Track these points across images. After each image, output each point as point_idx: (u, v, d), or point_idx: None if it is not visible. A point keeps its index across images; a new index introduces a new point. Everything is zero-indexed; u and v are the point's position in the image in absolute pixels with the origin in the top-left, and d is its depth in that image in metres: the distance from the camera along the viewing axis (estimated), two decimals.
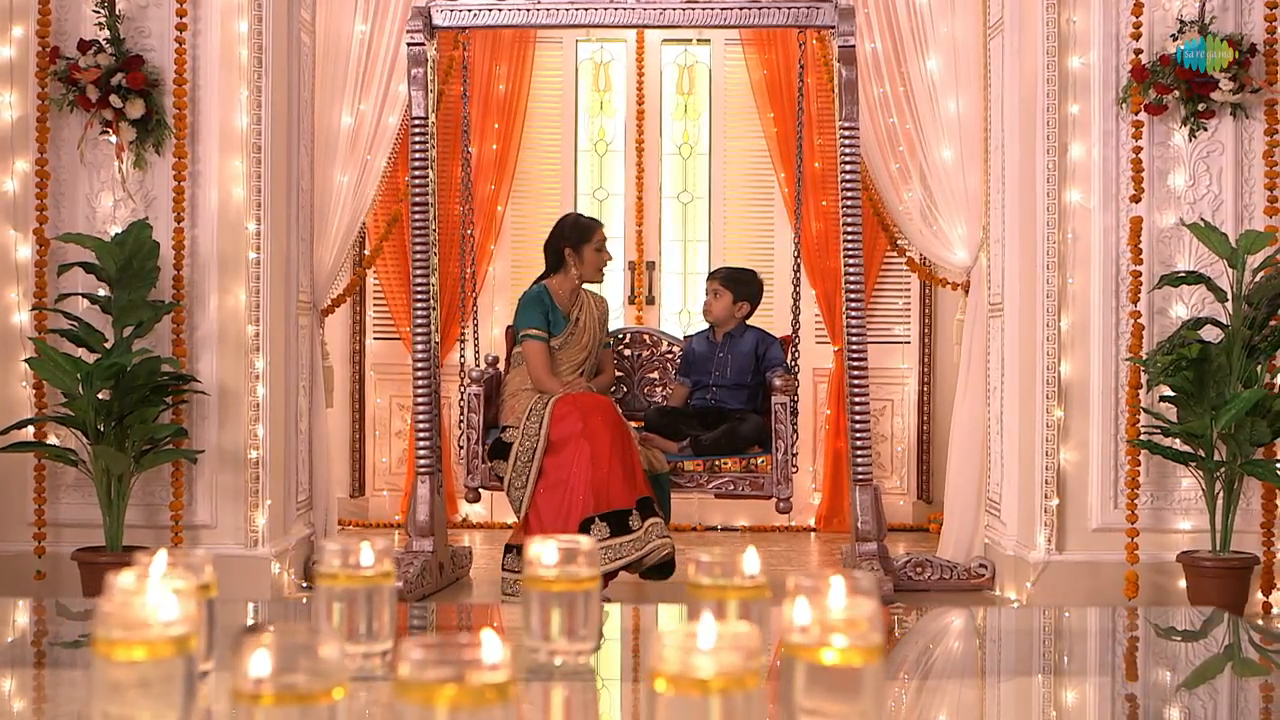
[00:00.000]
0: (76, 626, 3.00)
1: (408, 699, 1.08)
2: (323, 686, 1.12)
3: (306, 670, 1.12)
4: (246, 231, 5.75)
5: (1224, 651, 2.86)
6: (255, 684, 1.12)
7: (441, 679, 1.08)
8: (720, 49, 8.07)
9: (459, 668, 1.09)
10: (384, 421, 8.11)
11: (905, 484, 8.05)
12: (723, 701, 1.12)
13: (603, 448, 5.58)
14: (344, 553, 1.65)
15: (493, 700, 1.08)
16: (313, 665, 1.13)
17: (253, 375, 5.74)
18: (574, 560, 1.70)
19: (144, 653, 1.22)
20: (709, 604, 1.58)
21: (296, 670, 1.12)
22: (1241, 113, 5.64)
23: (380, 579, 1.66)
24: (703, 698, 1.12)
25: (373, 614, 1.64)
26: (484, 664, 1.09)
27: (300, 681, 1.12)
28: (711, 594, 1.60)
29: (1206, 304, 5.63)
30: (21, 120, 5.74)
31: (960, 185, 6.41)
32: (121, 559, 5.41)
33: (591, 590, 1.70)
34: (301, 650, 1.13)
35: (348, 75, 6.38)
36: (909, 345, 8.05)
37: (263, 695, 1.11)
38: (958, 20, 6.38)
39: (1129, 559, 5.57)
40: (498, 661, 1.09)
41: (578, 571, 1.69)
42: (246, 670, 1.12)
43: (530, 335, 5.93)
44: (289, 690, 1.11)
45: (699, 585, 1.61)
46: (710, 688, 1.12)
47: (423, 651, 1.09)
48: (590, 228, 6.04)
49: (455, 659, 1.09)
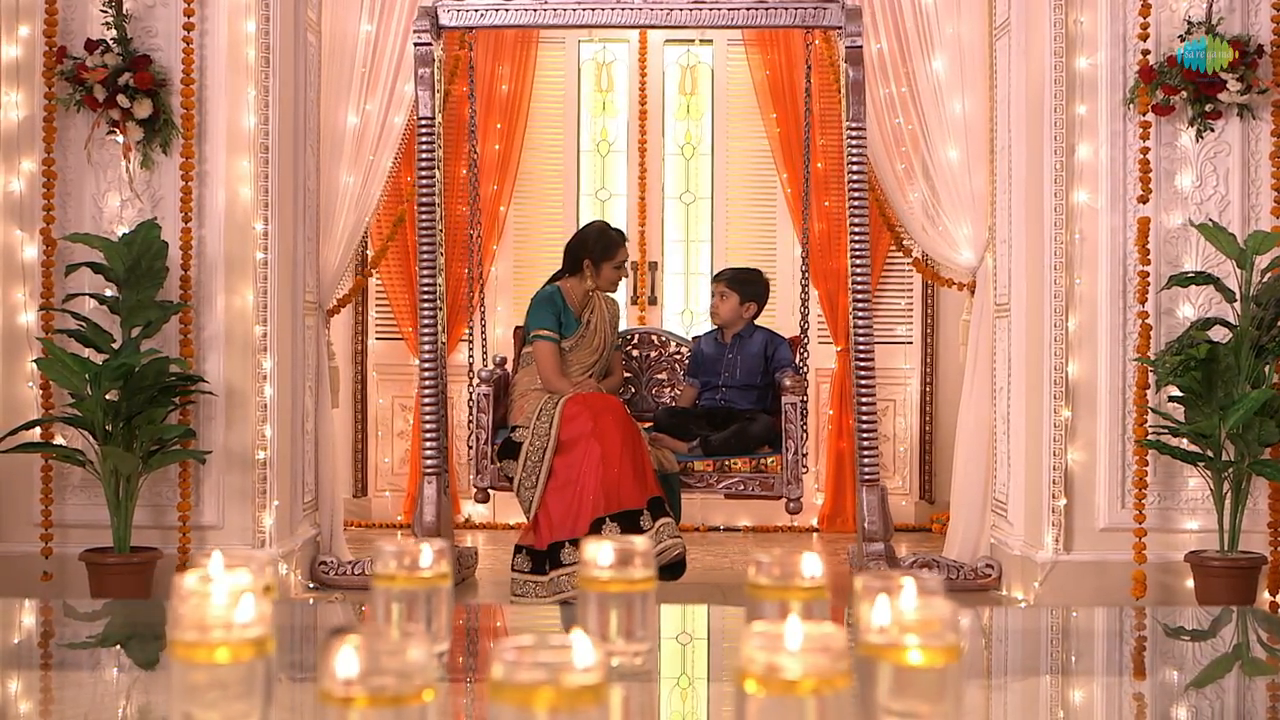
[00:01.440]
0: (87, 627, 2.99)
1: (503, 700, 1.08)
2: (412, 688, 1.12)
3: (396, 672, 1.12)
4: (254, 232, 5.74)
5: (1233, 650, 2.87)
6: (345, 686, 1.11)
7: (537, 681, 1.08)
8: (722, 49, 8.07)
9: (555, 669, 1.08)
10: (386, 422, 8.10)
11: (907, 484, 8.06)
12: (813, 702, 1.12)
13: (613, 448, 5.58)
14: (401, 554, 1.65)
15: (588, 702, 1.08)
16: (402, 667, 1.12)
17: (260, 376, 5.73)
18: (631, 561, 1.69)
19: (226, 655, 1.21)
20: (770, 605, 1.58)
21: (386, 672, 1.12)
22: (1248, 113, 5.65)
23: (438, 580, 1.65)
24: (794, 699, 1.12)
25: (431, 615, 1.63)
26: (579, 666, 1.09)
27: (390, 683, 1.11)
28: (772, 595, 1.60)
29: (1213, 304, 5.64)
30: (28, 120, 5.72)
31: (966, 186, 6.41)
32: (129, 560, 5.40)
33: (648, 591, 1.69)
34: (391, 652, 1.13)
35: (353, 75, 6.37)
36: (911, 345, 8.06)
37: (353, 697, 1.10)
38: (963, 21, 6.38)
39: (1137, 559, 5.58)
40: (592, 663, 1.09)
41: (634, 573, 1.69)
42: (335, 672, 1.11)
43: (541, 336, 5.93)
44: (380, 692, 1.11)
45: (759, 586, 1.60)
46: (801, 688, 1.12)
47: (518, 653, 1.09)
48: (615, 245, 6.03)
49: (551, 660, 1.09)
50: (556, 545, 5.58)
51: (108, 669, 2.54)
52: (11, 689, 2.33)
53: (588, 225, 6.30)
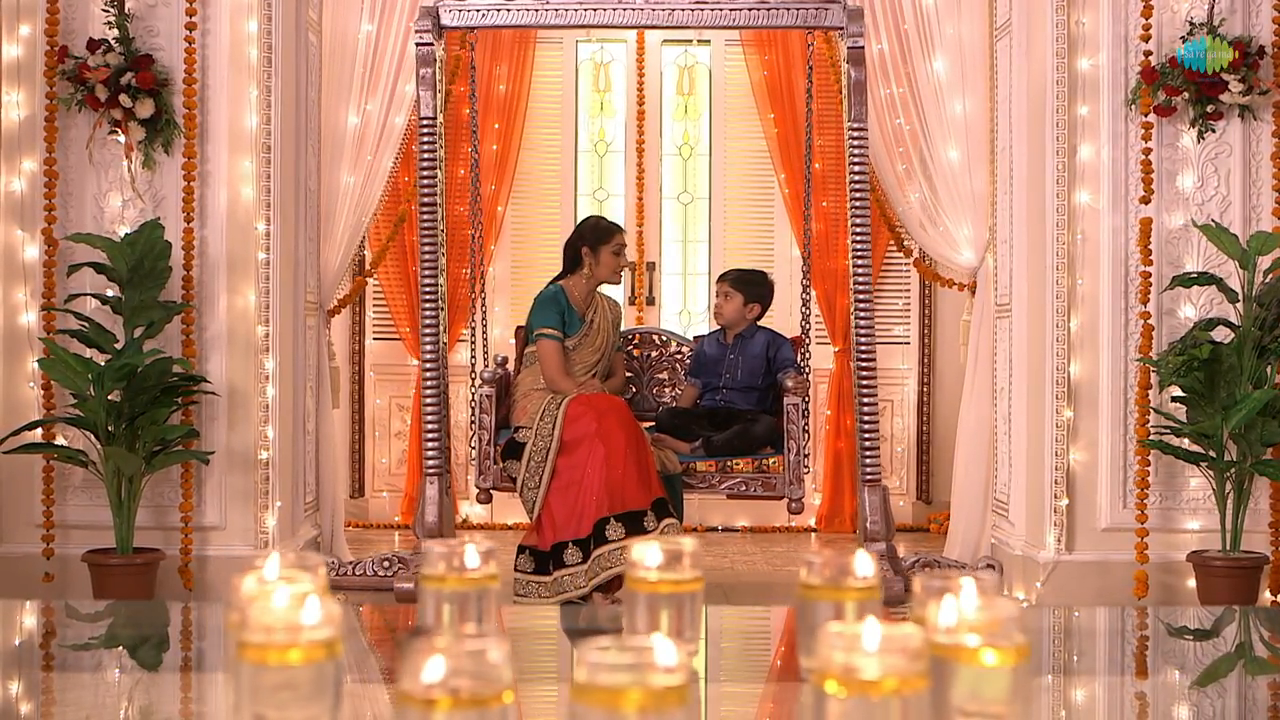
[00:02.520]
0: (94, 628, 2.98)
1: (587, 702, 1.08)
2: (493, 690, 1.11)
3: (477, 674, 1.12)
4: (256, 232, 5.73)
5: (1236, 650, 2.88)
6: (427, 689, 1.11)
7: (622, 683, 1.08)
8: (720, 50, 8.08)
9: (640, 671, 1.08)
10: (383, 422, 8.10)
11: (905, 484, 8.07)
12: (894, 703, 1.12)
13: (617, 448, 5.57)
14: (449, 555, 1.65)
15: (674, 703, 1.07)
16: (483, 669, 1.12)
17: (262, 376, 5.72)
18: (678, 562, 1.69)
19: (298, 656, 1.21)
20: (822, 605, 1.58)
21: (467, 674, 1.12)
22: (1250, 114, 5.67)
23: (486, 581, 1.65)
24: (875, 699, 1.12)
25: (481, 616, 1.63)
26: (664, 667, 1.09)
27: (472, 686, 1.11)
28: (824, 595, 1.60)
29: (1214, 304, 5.66)
30: (29, 120, 5.70)
31: (966, 186, 6.43)
32: (132, 561, 5.39)
33: (696, 592, 1.69)
34: (471, 654, 1.12)
35: (354, 75, 6.37)
36: (909, 346, 8.07)
37: (435, 700, 1.10)
38: (964, 21, 6.40)
39: (1138, 559, 5.60)
40: (676, 664, 1.09)
41: (682, 573, 1.69)
42: (418, 675, 1.11)
43: (545, 335, 5.92)
44: (461, 695, 1.11)
45: (811, 587, 1.60)
46: (882, 689, 1.12)
47: (602, 654, 1.09)
48: (610, 230, 6.03)
49: (635, 662, 1.09)
50: (560, 546, 5.58)
51: (120, 670, 2.54)
52: (22, 690, 2.32)
53: (583, 220, 6.32)
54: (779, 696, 2.33)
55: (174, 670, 2.56)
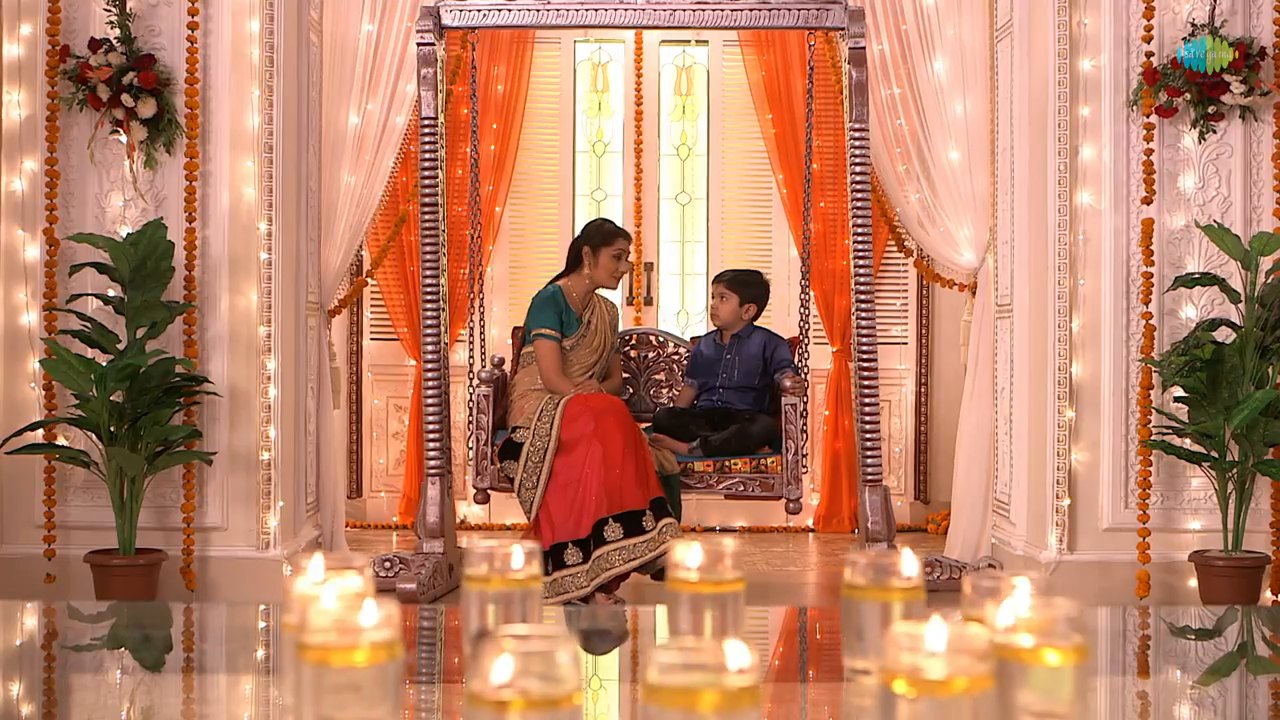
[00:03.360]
0: (99, 629, 2.97)
1: (659, 703, 1.08)
2: (563, 691, 1.11)
3: (546, 676, 1.12)
4: (258, 232, 5.72)
5: (1238, 649, 2.89)
6: (497, 690, 1.11)
7: (694, 684, 1.08)
8: (718, 50, 8.08)
9: (711, 672, 1.08)
10: (381, 423, 8.08)
11: (903, 485, 8.08)
12: (962, 703, 1.12)
13: (615, 448, 5.57)
14: (493, 556, 1.64)
15: (745, 704, 1.07)
16: (551, 670, 1.12)
17: (264, 376, 5.71)
18: (719, 562, 1.69)
19: (363, 657, 1.21)
20: (868, 605, 1.58)
21: (536, 676, 1.12)
22: (1251, 115, 5.69)
23: (530, 582, 1.65)
24: (943, 699, 1.12)
25: (525, 617, 1.63)
26: (734, 668, 1.09)
27: (542, 687, 1.11)
28: (869, 595, 1.60)
29: (1215, 305, 5.68)
30: (29, 119, 5.69)
31: (967, 187, 6.44)
32: (134, 562, 5.38)
33: (738, 592, 1.69)
34: (539, 656, 1.12)
35: (355, 75, 6.35)
36: (906, 346, 8.08)
37: (506, 701, 1.10)
38: (964, 22, 6.40)
39: (1140, 559, 5.61)
40: (746, 665, 1.09)
41: (723, 573, 1.69)
42: (488, 676, 1.11)
43: (543, 335, 5.92)
44: (531, 697, 1.11)
45: (856, 587, 1.60)
46: (951, 688, 1.12)
47: (673, 655, 1.09)
48: (613, 234, 6.03)
49: (706, 663, 1.09)
50: (559, 546, 5.57)
51: (135, 672, 2.53)
52: (31, 691, 2.31)
53: (588, 222, 6.32)
54: (778, 696, 2.34)
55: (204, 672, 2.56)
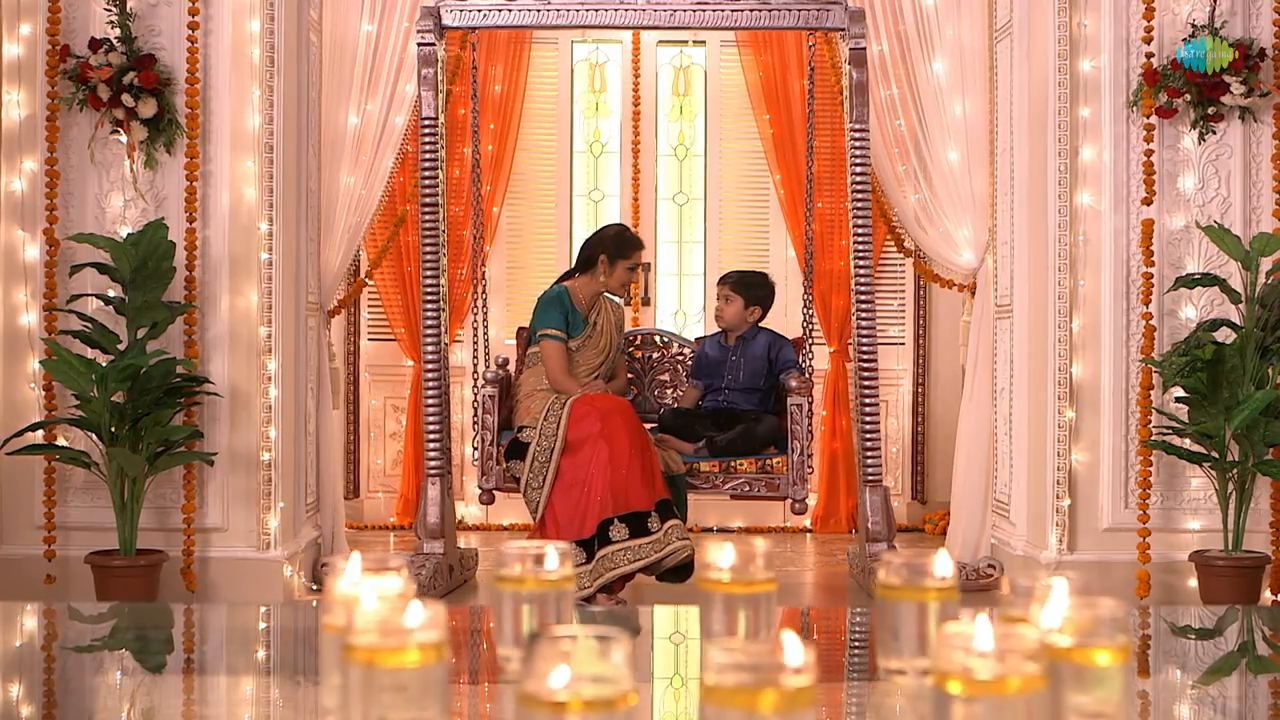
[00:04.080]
0: (104, 630, 2.96)
1: (718, 703, 1.08)
2: (619, 692, 1.11)
3: (601, 677, 1.12)
4: (258, 232, 5.70)
5: (1239, 648, 2.90)
6: (553, 691, 1.11)
7: (752, 684, 1.08)
8: (716, 50, 8.08)
9: (768, 672, 1.08)
10: (378, 423, 8.07)
11: (900, 485, 8.08)
12: (1016, 703, 1.12)
13: (622, 449, 5.57)
14: (527, 557, 1.64)
15: (803, 704, 1.08)
16: (607, 671, 1.12)
17: (265, 377, 5.70)
18: (751, 563, 1.69)
19: (413, 658, 1.21)
20: (904, 606, 1.58)
21: (591, 677, 1.12)
22: (1250, 116, 5.70)
23: (563, 583, 1.65)
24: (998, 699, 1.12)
25: (560, 618, 1.63)
26: (791, 668, 1.09)
27: (597, 689, 1.11)
28: (904, 595, 1.60)
29: (1215, 305, 5.69)
30: (29, 119, 5.67)
31: (966, 187, 6.44)
32: (135, 563, 5.36)
33: (771, 593, 1.69)
34: (595, 656, 1.12)
35: (354, 75, 6.34)
36: (903, 346, 8.09)
37: (563, 702, 1.10)
38: (963, 23, 6.41)
39: (1140, 559, 5.62)
40: (803, 665, 1.09)
41: (755, 574, 1.69)
42: (543, 677, 1.11)
43: (549, 335, 5.91)
44: (587, 697, 1.11)
45: (890, 587, 1.61)
46: (1005, 689, 1.12)
47: (731, 655, 1.09)
48: (632, 245, 6.03)
49: (764, 663, 1.09)
50: None
51: (131, 673, 2.52)
52: (34, 691, 2.31)
53: (608, 225, 6.33)
54: None
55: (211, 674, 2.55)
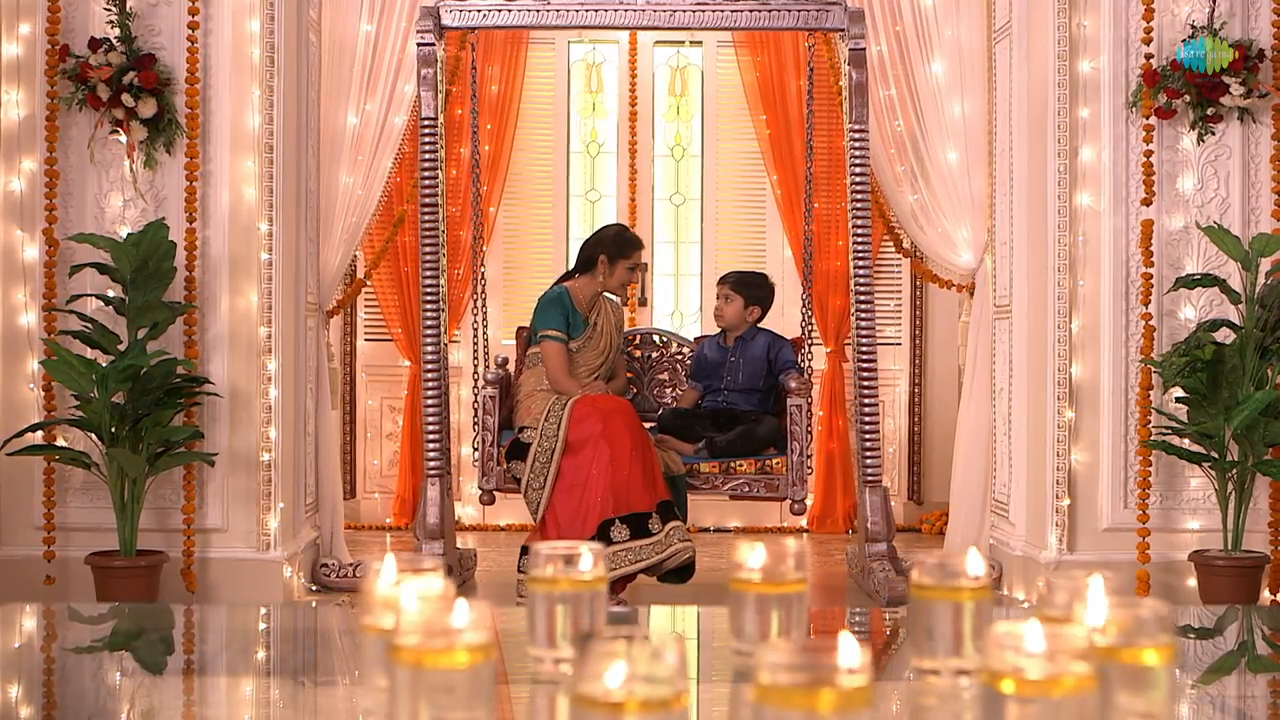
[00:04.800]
0: (109, 631, 2.95)
1: (771, 703, 1.08)
2: (673, 692, 1.11)
3: (654, 678, 1.12)
4: (258, 232, 5.69)
5: (1239, 648, 2.91)
6: (607, 692, 1.11)
7: (807, 683, 1.08)
8: (712, 51, 8.09)
9: (824, 672, 1.08)
10: (375, 424, 8.07)
11: (896, 485, 8.09)
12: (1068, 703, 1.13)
13: (623, 450, 5.57)
14: (560, 558, 1.64)
15: (859, 705, 1.08)
16: (660, 672, 1.12)
17: (265, 377, 5.69)
18: (782, 563, 1.69)
19: (464, 659, 1.21)
20: (939, 605, 1.58)
21: (644, 678, 1.12)
22: (1249, 117, 5.72)
23: (596, 583, 1.65)
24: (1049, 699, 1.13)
25: (594, 619, 1.63)
26: (847, 668, 1.09)
27: (650, 689, 1.11)
28: (938, 595, 1.60)
29: (1214, 305, 5.71)
30: (28, 119, 5.65)
31: (965, 188, 6.45)
32: (136, 563, 5.35)
33: (801, 593, 1.70)
34: (648, 657, 1.12)
35: (353, 75, 6.34)
36: (900, 347, 8.10)
37: (620, 703, 1.10)
38: (962, 24, 6.42)
39: (1140, 559, 5.63)
40: (859, 665, 1.09)
41: (786, 573, 1.69)
42: (598, 677, 1.11)
43: (549, 336, 5.91)
44: (640, 698, 1.11)
45: (924, 587, 1.61)
46: (1061, 687, 1.12)
47: (786, 655, 1.09)
48: (632, 245, 6.03)
49: (819, 664, 1.09)
50: None
51: (133, 674, 2.52)
52: (41, 691, 2.30)
53: (607, 225, 6.33)
54: None
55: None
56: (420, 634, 1.22)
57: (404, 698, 1.22)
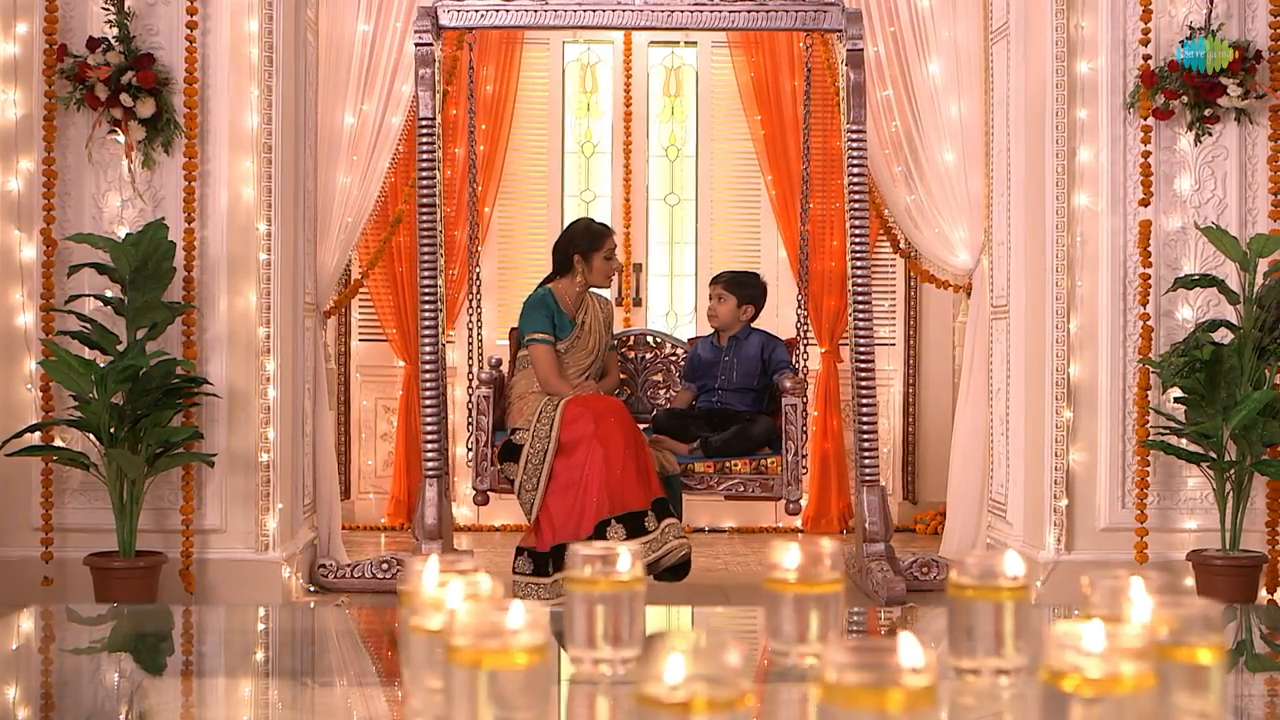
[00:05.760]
0: (113, 633, 2.94)
1: (838, 702, 1.08)
2: (735, 693, 1.12)
3: (717, 677, 1.12)
4: (257, 232, 5.68)
5: (1237, 647, 2.92)
6: (670, 691, 1.11)
7: (872, 683, 1.08)
8: (707, 51, 8.09)
9: (889, 672, 1.09)
10: (369, 424, 8.05)
11: (890, 485, 8.10)
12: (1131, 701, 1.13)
13: (616, 450, 5.57)
14: (599, 559, 1.65)
15: (924, 704, 1.08)
16: (723, 672, 1.12)
17: (264, 378, 5.68)
18: (819, 563, 1.70)
19: (524, 659, 1.21)
20: (979, 605, 1.59)
21: (706, 678, 1.12)
22: (1246, 118, 5.74)
23: (633, 584, 1.65)
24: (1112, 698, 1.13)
25: (633, 619, 1.63)
26: (910, 668, 1.09)
27: (713, 690, 1.11)
28: (977, 595, 1.61)
29: (1211, 306, 5.73)
30: (26, 119, 5.64)
31: (962, 188, 6.47)
32: (135, 564, 5.33)
33: (839, 592, 1.70)
34: (710, 657, 1.12)
35: (350, 75, 6.33)
36: (894, 347, 8.11)
37: (686, 702, 1.10)
38: (959, 25, 6.44)
39: (1138, 558, 5.65)
40: (922, 665, 1.10)
41: (822, 574, 1.70)
42: (661, 677, 1.11)
43: (536, 339, 5.90)
44: (705, 698, 1.11)
45: (962, 587, 1.61)
46: (1121, 686, 1.13)
47: (851, 655, 1.09)
48: (601, 235, 6.02)
49: (883, 664, 1.09)
50: (559, 548, 5.56)
51: (138, 673, 2.51)
52: (38, 696, 2.30)
53: (573, 222, 6.30)
54: (765, 695, 2.36)
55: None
56: (481, 635, 1.22)
57: (462, 699, 1.22)
